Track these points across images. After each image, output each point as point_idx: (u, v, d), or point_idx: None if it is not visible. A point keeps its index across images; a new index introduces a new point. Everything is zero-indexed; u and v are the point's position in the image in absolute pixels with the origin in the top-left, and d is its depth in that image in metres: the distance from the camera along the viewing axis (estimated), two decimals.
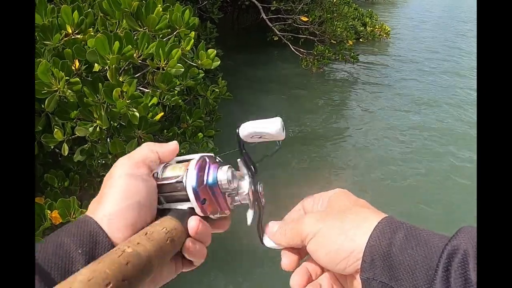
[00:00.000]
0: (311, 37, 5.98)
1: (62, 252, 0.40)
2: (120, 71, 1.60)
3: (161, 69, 1.35)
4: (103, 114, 1.42)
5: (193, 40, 1.49)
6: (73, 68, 1.41)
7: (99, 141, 1.65)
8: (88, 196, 2.00)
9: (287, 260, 0.51)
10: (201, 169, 0.48)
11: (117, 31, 1.49)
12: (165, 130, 2.02)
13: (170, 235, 0.44)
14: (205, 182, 0.48)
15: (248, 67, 6.18)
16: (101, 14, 1.44)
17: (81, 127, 1.43)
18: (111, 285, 0.35)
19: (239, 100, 4.77)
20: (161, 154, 0.50)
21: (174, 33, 1.62)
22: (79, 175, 1.87)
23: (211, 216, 0.49)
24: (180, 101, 2.08)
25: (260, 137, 0.52)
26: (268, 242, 0.53)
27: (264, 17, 5.65)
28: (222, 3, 5.75)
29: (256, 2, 5.58)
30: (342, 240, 0.44)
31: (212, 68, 1.56)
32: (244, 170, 0.52)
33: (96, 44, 1.22)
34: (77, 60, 1.44)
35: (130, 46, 1.23)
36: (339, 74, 6.40)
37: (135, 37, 1.33)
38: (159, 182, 0.48)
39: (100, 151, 1.66)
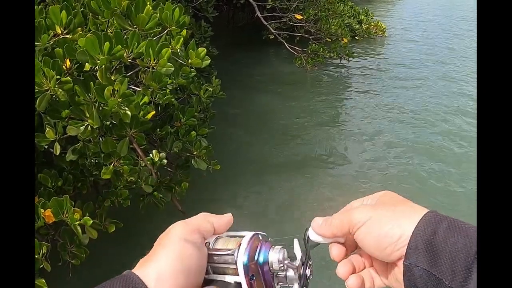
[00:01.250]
0: (307, 35, 5.99)
1: None
2: (112, 70, 1.61)
3: (151, 68, 1.35)
4: (94, 113, 1.43)
5: (182, 39, 1.49)
6: (64, 67, 1.42)
7: (91, 140, 1.65)
8: (82, 196, 2.00)
9: (336, 250, 0.55)
10: (253, 246, 0.49)
11: (108, 30, 1.49)
12: (158, 129, 2.02)
13: None
14: (256, 259, 0.48)
15: (243, 65, 6.18)
16: (90, 14, 1.44)
17: (73, 126, 1.44)
18: None
19: (234, 99, 4.77)
20: (216, 224, 0.52)
21: (165, 32, 1.62)
22: (73, 175, 1.87)
23: None
24: (173, 99, 2.09)
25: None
26: (312, 235, 0.55)
27: (259, 15, 5.65)
28: (217, 1, 5.74)
29: (251, 1, 5.58)
30: (391, 226, 0.48)
31: (202, 66, 1.57)
32: (297, 253, 0.53)
33: (86, 44, 1.22)
34: (68, 60, 1.45)
35: (120, 46, 1.23)
36: (334, 72, 6.40)
37: (125, 37, 1.33)
38: (210, 252, 0.49)
39: (92, 150, 1.66)
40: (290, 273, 0.51)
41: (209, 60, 1.58)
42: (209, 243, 0.50)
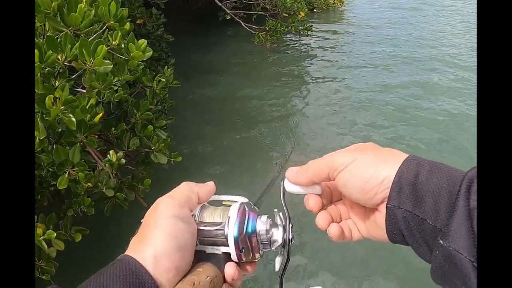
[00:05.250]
0: (263, 13, 5.90)
1: None
2: (56, 74, 1.53)
3: (87, 68, 1.29)
4: (39, 123, 1.36)
5: (120, 34, 1.43)
6: None
7: (44, 151, 1.58)
8: (44, 207, 1.93)
9: (312, 200, 0.55)
10: (242, 219, 0.50)
11: (45, 34, 1.41)
12: (113, 128, 1.96)
13: (213, 284, 0.46)
14: (244, 232, 0.49)
15: (201, 49, 6.04)
16: None
17: None
18: None
19: (193, 85, 4.69)
20: (200, 194, 0.51)
21: (105, 27, 1.55)
22: None
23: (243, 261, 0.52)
24: (125, 95, 2.01)
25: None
26: (288, 186, 0.55)
27: None
28: None
29: None
30: (374, 169, 0.48)
31: (144, 59, 1.51)
32: (279, 220, 0.54)
33: None
34: None
35: (50, 51, 1.17)
36: (295, 47, 6.37)
37: (59, 39, 1.26)
38: (199, 227, 0.49)
39: (46, 161, 1.60)
40: (275, 239, 0.52)
41: (151, 52, 1.52)
42: (195, 215, 0.50)
